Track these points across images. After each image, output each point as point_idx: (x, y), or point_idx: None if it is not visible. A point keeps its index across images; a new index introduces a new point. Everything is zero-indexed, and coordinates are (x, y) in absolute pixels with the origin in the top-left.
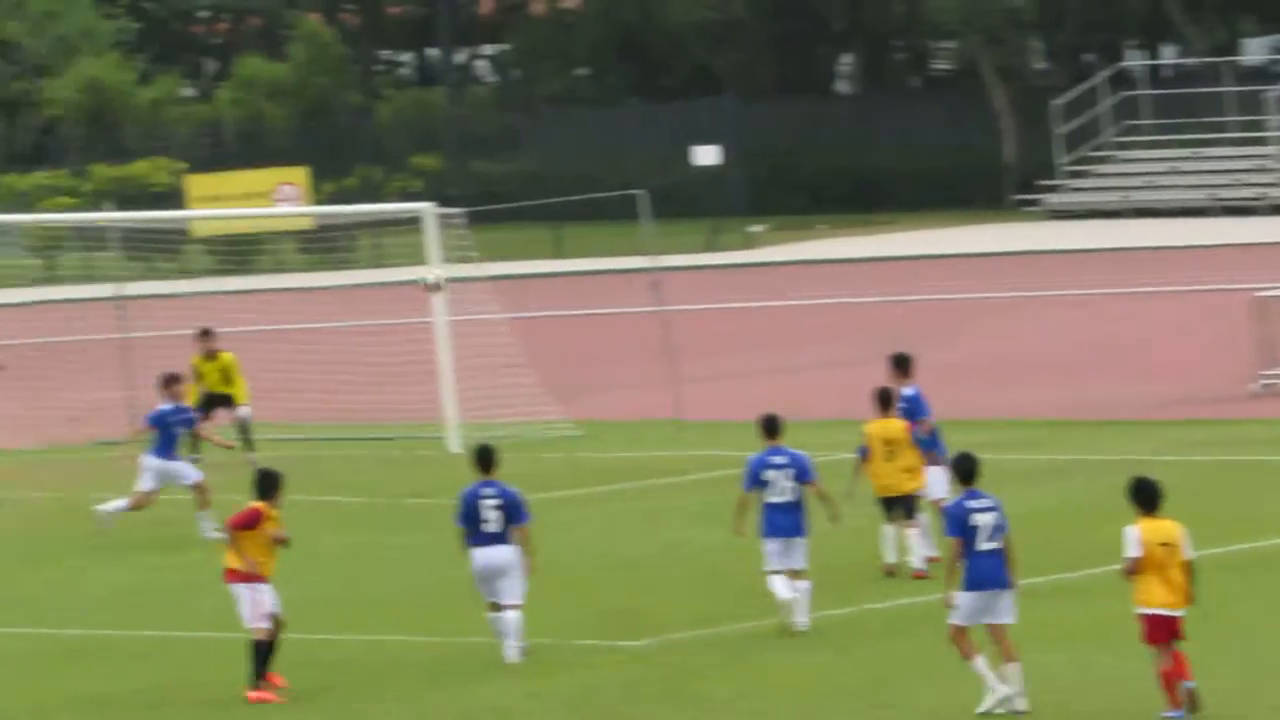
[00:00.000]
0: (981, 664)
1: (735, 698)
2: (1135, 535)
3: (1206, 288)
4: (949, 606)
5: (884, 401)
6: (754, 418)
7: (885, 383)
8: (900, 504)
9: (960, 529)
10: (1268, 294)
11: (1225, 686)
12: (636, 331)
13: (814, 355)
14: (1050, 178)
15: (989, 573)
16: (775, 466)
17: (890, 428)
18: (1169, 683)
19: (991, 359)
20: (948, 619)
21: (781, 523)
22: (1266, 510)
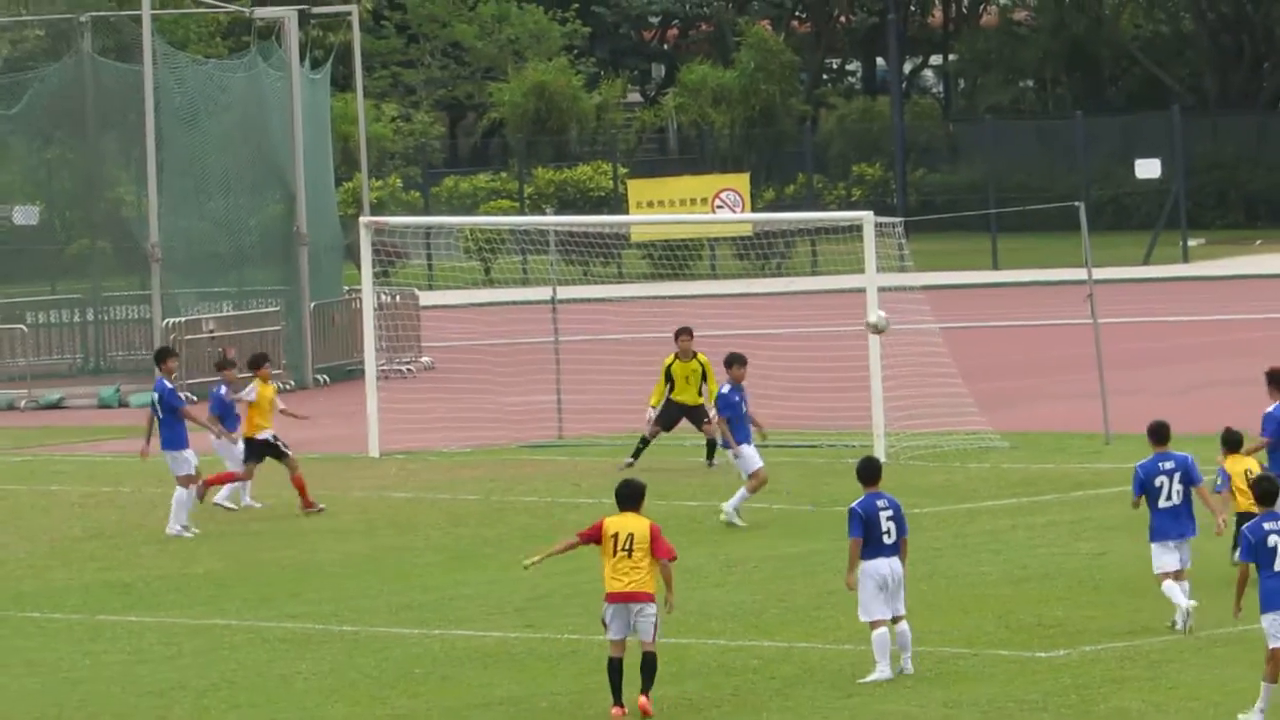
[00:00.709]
0: None
1: (1151, 711)
2: None
3: None
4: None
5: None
6: (1182, 432)
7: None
8: None
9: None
10: None
11: None
12: (1069, 343)
13: (1246, 370)
14: None
15: None
16: (1164, 472)
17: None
18: None
19: None
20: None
21: (1171, 527)
22: None
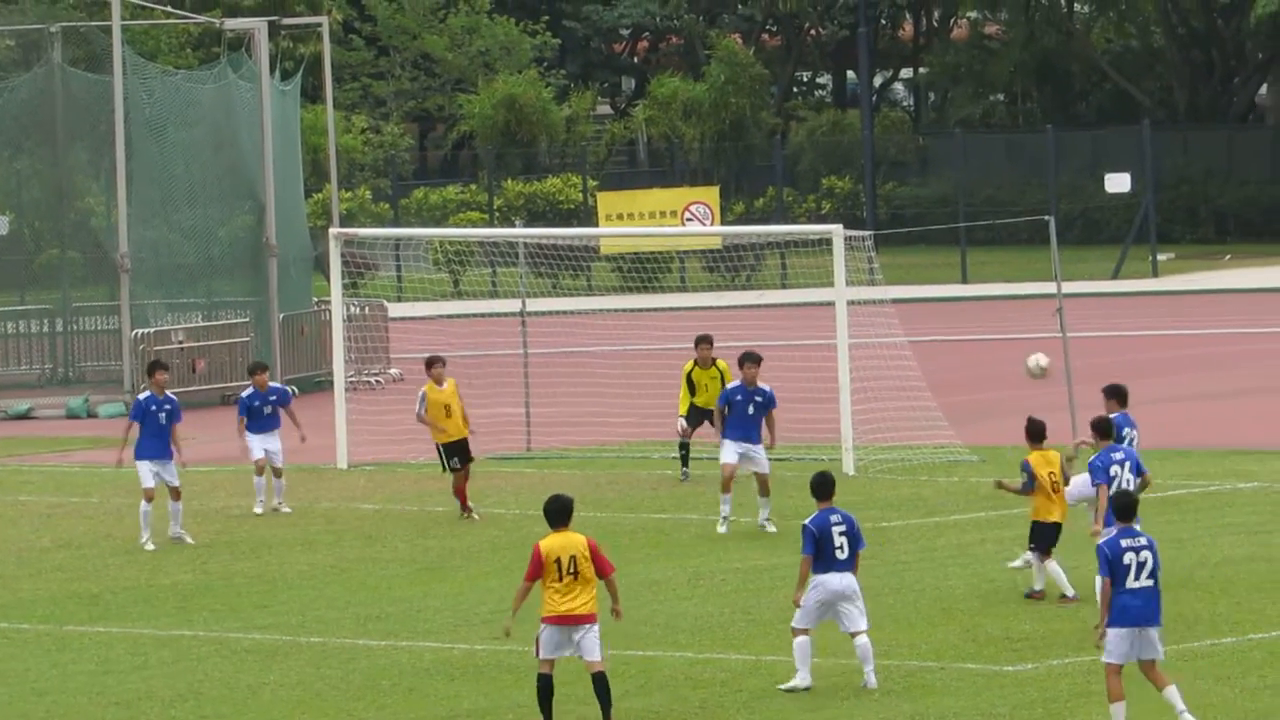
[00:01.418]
0: None
1: None
2: None
3: None
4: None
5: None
6: (1150, 445)
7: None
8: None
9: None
10: None
11: None
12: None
13: (1215, 385)
14: None
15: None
16: (1117, 463)
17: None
18: None
19: None
20: None
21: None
22: None
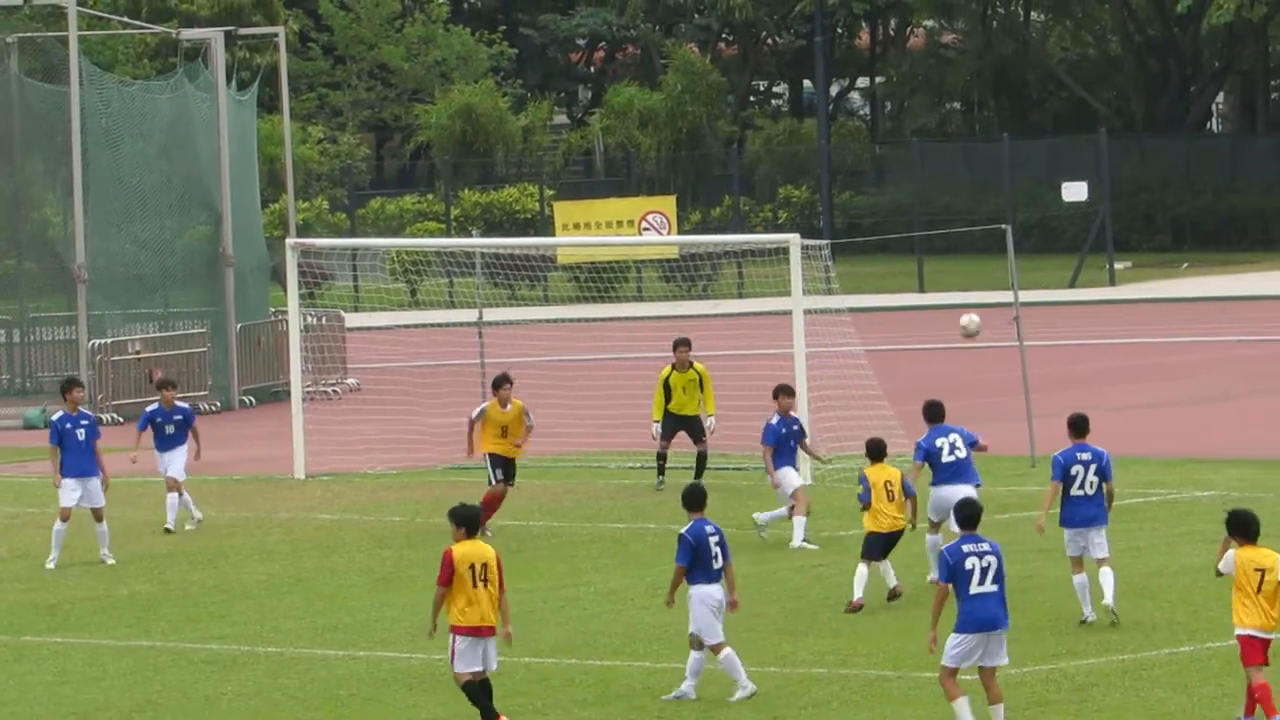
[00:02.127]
0: None
1: None
2: (1232, 558)
3: None
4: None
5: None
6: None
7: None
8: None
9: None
10: None
11: None
12: (995, 366)
13: (1172, 393)
14: None
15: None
16: (1081, 462)
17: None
18: (1261, 697)
19: None
20: None
21: (1082, 513)
22: None
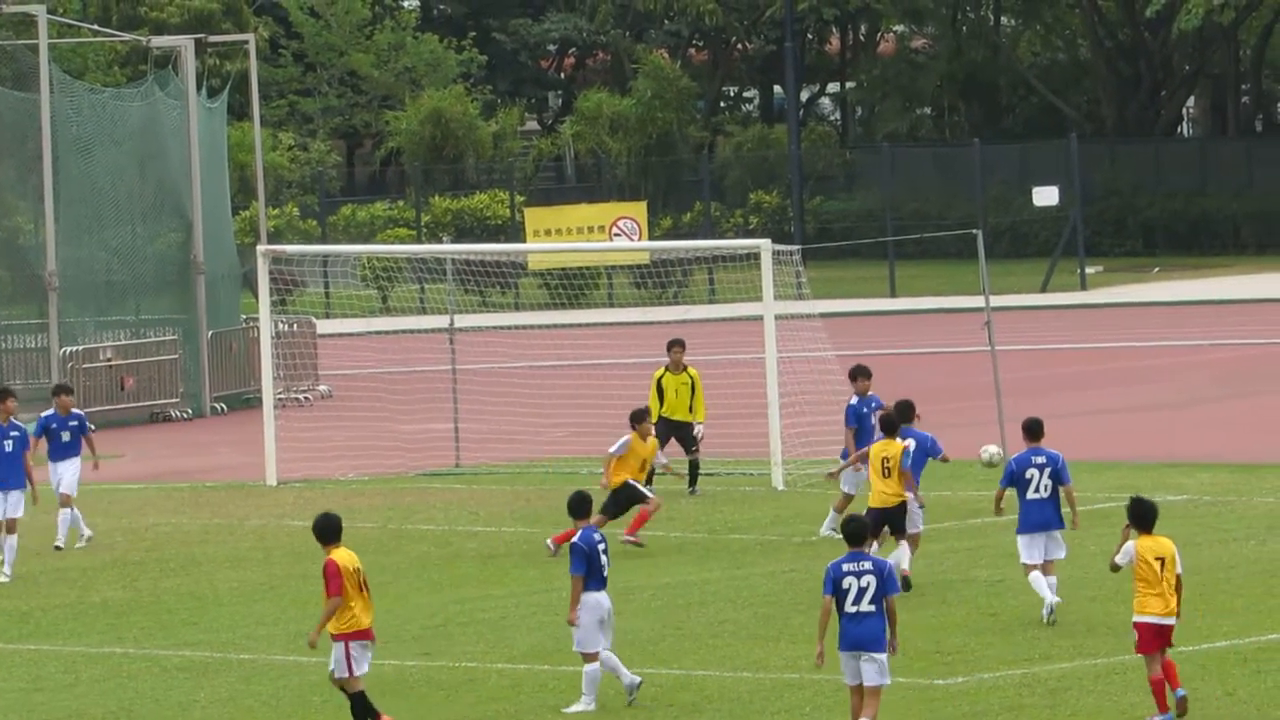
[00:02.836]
0: None
1: None
2: (1131, 549)
3: None
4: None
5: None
6: (1079, 458)
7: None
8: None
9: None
10: None
11: None
12: (966, 371)
13: (1143, 397)
14: None
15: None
16: (1035, 466)
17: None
18: (1159, 689)
19: None
20: None
21: (1037, 517)
22: None
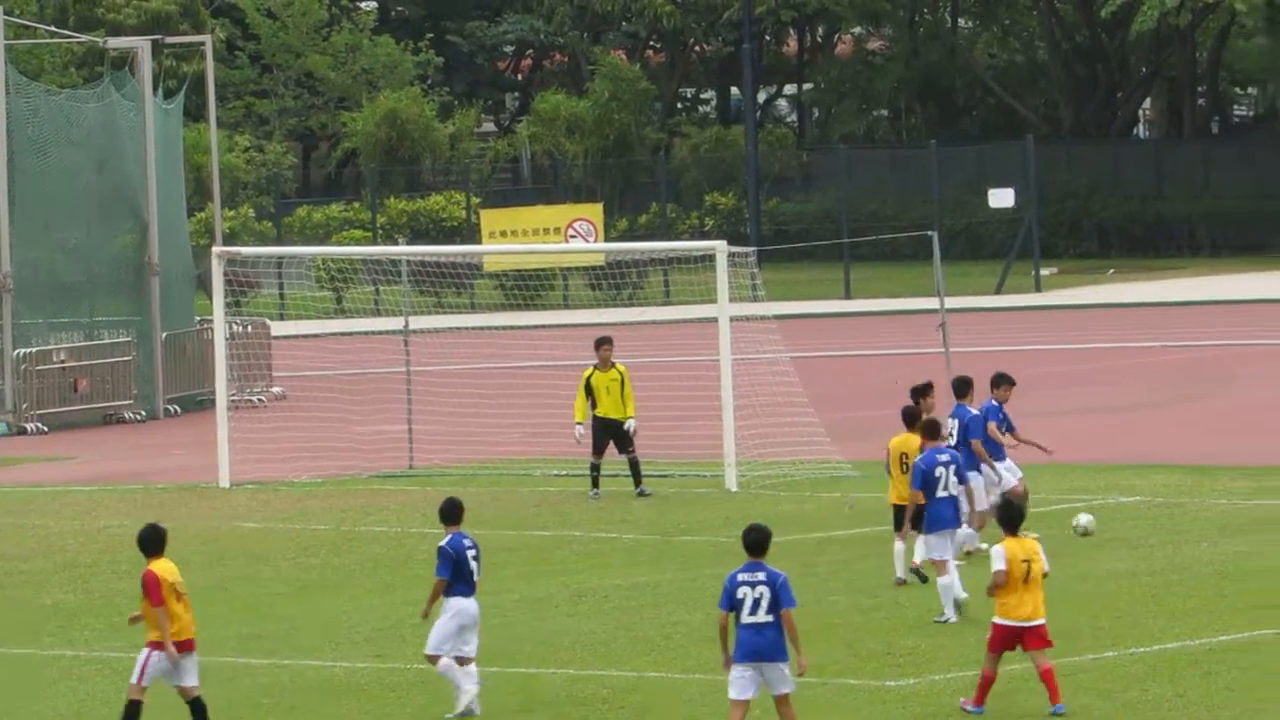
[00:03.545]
0: None
1: None
2: (1001, 551)
3: None
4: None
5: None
6: (1032, 460)
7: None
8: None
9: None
10: None
11: None
12: (921, 373)
13: (1098, 399)
14: None
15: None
16: (942, 464)
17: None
18: (986, 685)
19: (1265, 406)
20: None
21: (946, 514)
22: None
